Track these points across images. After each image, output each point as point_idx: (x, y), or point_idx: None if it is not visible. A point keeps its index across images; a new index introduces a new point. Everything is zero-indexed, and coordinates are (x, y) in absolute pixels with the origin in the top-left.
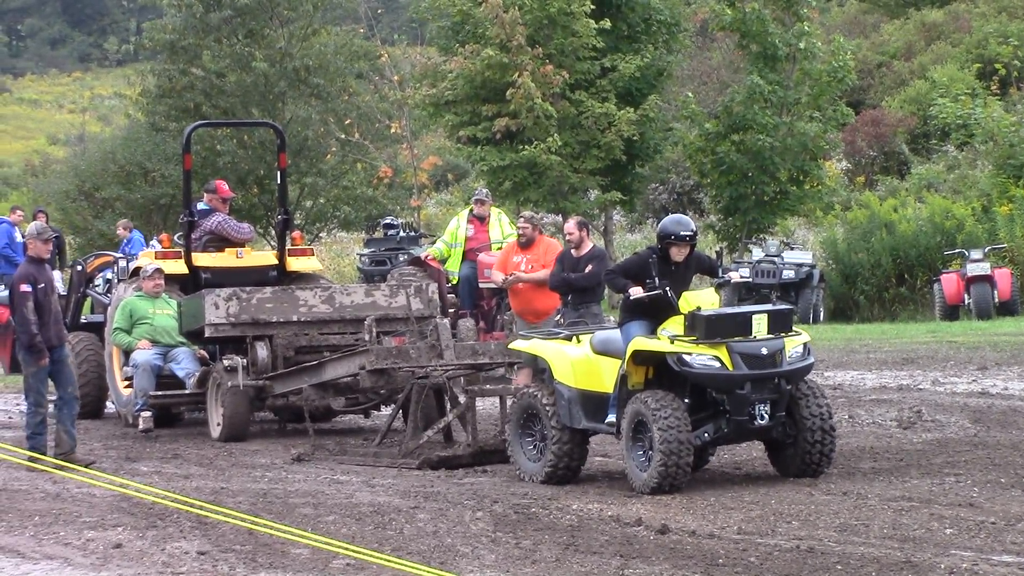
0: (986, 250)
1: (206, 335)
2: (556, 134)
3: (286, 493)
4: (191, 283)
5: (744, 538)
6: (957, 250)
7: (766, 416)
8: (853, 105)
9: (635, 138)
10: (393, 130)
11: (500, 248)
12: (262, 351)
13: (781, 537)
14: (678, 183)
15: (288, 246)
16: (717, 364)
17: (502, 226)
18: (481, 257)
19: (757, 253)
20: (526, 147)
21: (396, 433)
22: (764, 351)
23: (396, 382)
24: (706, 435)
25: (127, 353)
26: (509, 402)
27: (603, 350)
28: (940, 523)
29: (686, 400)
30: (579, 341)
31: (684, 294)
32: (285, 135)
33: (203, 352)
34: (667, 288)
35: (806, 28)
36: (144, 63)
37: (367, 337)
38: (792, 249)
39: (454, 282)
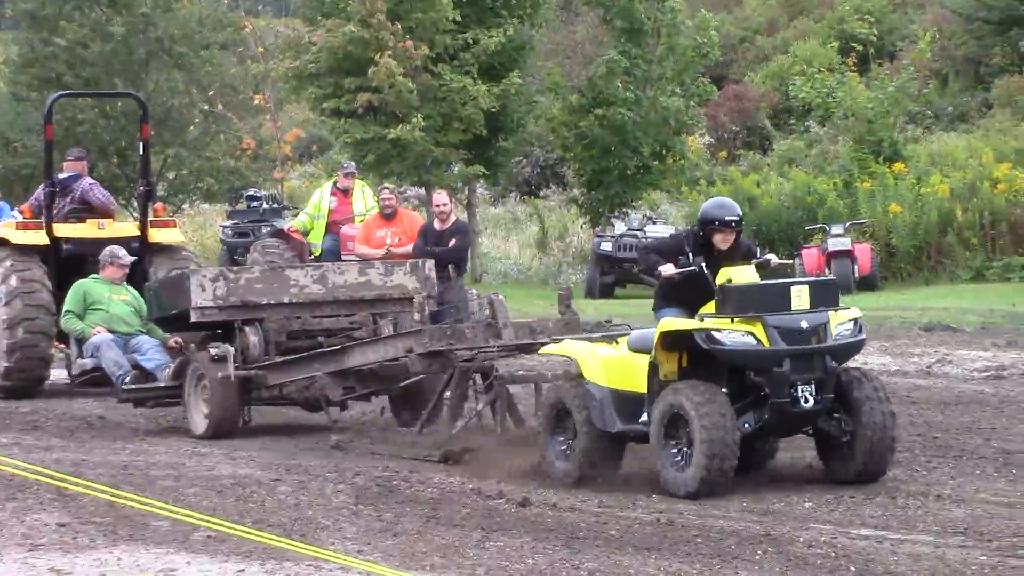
0: (847, 225)
1: (192, 319)
2: (418, 110)
3: (147, 465)
4: (52, 254)
5: (604, 511)
6: (818, 225)
7: (810, 398)
8: (716, 80)
9: (497, 112)
10: (257, 102)
11: (363, 220)
12: (254, 337)
13: (641, 510)
14: (541, 157)
15: (150, 218)
16: (751, 340)
17: (365, 199)
18: (344, 229)
19: (620, 227)
20: (389, 127)
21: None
22: (804, 324)
23: (448, 364)
24: (747, 425)
25: (79, 341)
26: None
27: (640, 347)
28: (800, 497)
29: (724, 389)
30: (617, 343)
31: (721, 270)
32: (148, 106)
33: (177, 339)
34: (702, 265)
35: (673, 4)
36: (5, 32)
37: (417, 316)
38: (655, 223)
39: (317, 254)
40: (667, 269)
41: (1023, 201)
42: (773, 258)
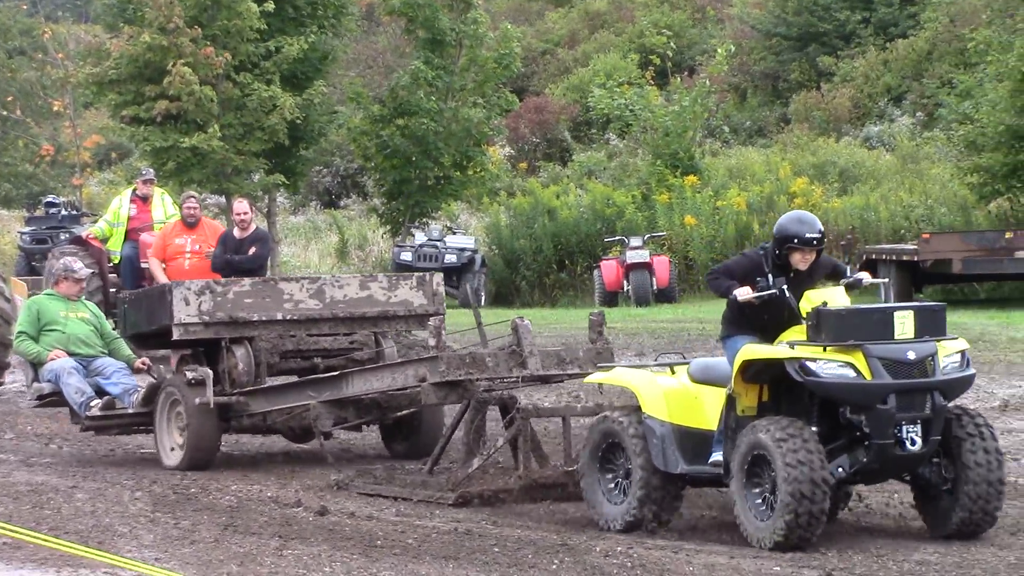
0: (646, 238)
1: (175, 337)
2: (217, 120)
3: None
4: None
5: (402, 520)
6: (617, 237)
7: (917, 440)
8: (517, 92)
9: (299, 121)
10: (56, 107)
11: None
12: (243, 358)
13: (439, 520)
14: (342, 166)
15: None
16: (852, 372)
17: (165, 206)
18: (143, 237)
19: (420, 237)
20: (185, 137)
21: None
22: (911, 356)
23: (466, 395)
24: (841, 469)
25: (35, 366)
26: (580, 424)
27: (704, 378)
28: None
29: (813, 428)
30: (673, 373)
31: (806, 293)
32: None
33: (145, 360)
34: (784, 288)
35: (476, 16)
36: None
37: (432, 341)
38: (455, 234)
39: (116, 262)
40: (744, 293)
41: (819, 215)
42: (866, 276)
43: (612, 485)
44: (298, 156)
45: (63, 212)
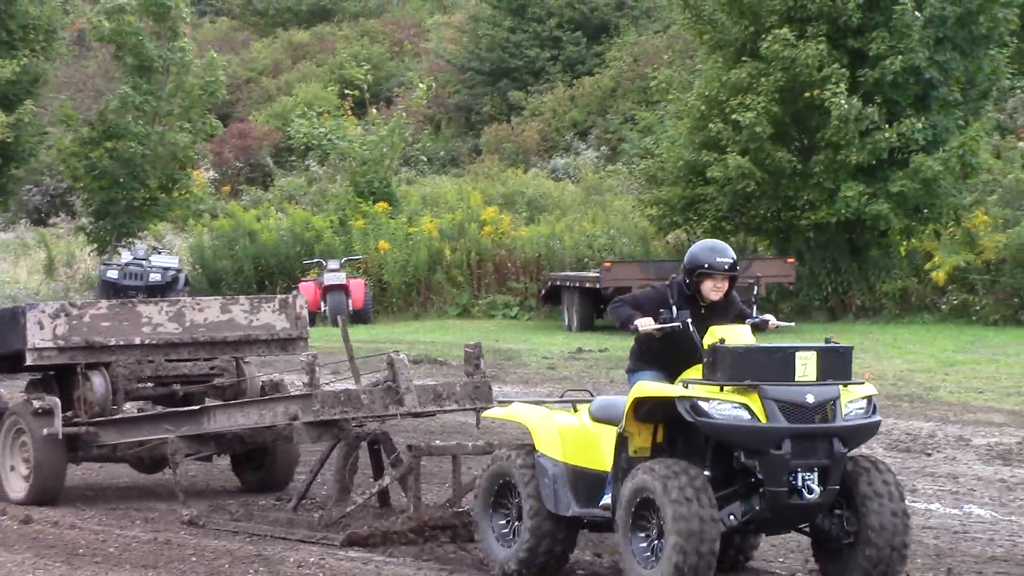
0: (342, 261)
1: (28, 362)
2: None
3: None
4: None
5: (104, 529)
6: (315, 259)
7: (813, 488)
8: (222, 118)
9: (10, 141)
10: None
11: None
12: (99, 384)
13: (140, 529)
14: (52, 185)
15: None
16: (746, 414)
17: None
18: None
19: (126, 256)
20: None
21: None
22: (810, 399)
23: (341, 434)
24: (732, 517)
25: None
26: (466, 462)
27: (604, 416)
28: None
29: (706, 472)
30: (576, 411)
31: (710, 329)
32: None
33: None
34: (688, 321)
35: (183, 44)
36: None
37: (307, 378)
38: (159, 253)
39: None
40: (645, 324)
41: (508, 243)
42: (772, 320)
43: (504, 526)
44: (8, 175)
45: None
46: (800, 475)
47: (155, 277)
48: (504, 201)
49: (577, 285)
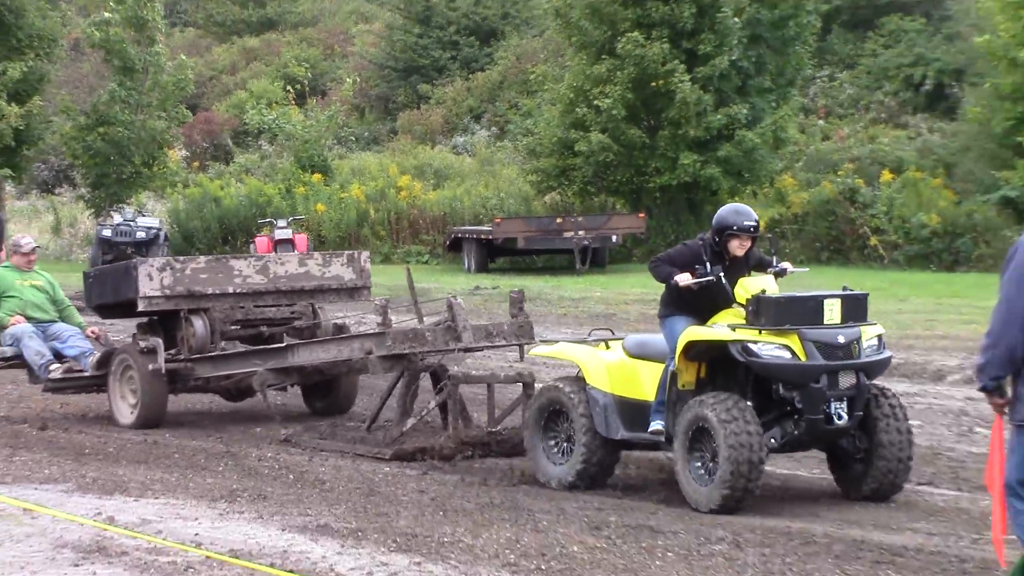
0: (289, 219)
1: (140, 308)
2: None
3: None
4: None
5: (105, 433)
6: (267, 219)
7: (844, 415)
8: (191, 108)
9: (22, 128)
10: None
11: None
12: (200, 326)
13: (132, 433)
14: (57, 163)
15: None
16: (788, 354)
17: None
18: None
19: (117, 218)
20: None
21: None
22: (841, 339)
23: (408, 366)
24: (773, 440)
25: None
26: (503, 390)
27: (639, 353)
28: (255, 425)
29: (749, 402)
30: (608, 347)
31: (740, 281)
32: None
33: (94, 330)
34: (721, 275)
35: (159, 49)
36: None
37: (380, 319)
38: (144, 216)
39: None
40: (684, 279)
41: (419, 204)
42: (789, 267)
43: (554, 447)
44: (22, 155)
45: None
46: (833, 404)
47: (141, 235)
48: (416, 171)
49: (474, 236)
